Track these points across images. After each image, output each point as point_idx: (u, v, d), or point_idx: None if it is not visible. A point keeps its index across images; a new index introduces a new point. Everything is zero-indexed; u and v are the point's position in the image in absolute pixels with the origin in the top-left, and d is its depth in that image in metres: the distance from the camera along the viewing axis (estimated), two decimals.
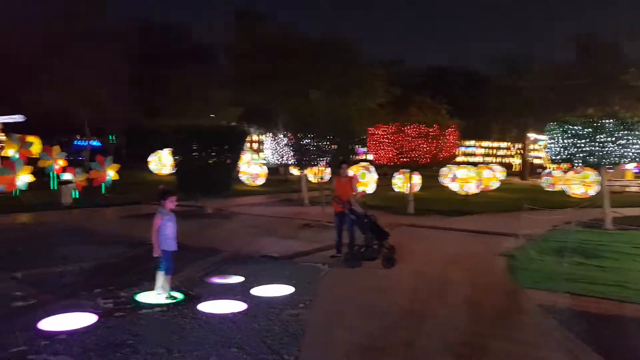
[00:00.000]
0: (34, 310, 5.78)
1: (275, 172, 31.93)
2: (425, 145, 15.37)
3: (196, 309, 5.94)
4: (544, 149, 37.43)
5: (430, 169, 20.00)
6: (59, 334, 5.06)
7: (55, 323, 5.37)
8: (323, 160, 16.38)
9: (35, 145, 21.09)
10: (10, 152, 20.47)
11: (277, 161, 18.61)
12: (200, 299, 6.29)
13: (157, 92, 33.11)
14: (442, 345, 5.01)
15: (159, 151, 30.47)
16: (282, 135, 17.48)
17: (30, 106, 26.08)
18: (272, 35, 26.50)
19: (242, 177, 26.30)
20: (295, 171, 26.89)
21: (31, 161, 20.41)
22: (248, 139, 35.77)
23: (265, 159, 28.25)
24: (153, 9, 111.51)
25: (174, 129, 15.35)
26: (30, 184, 18.95)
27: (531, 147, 49.79)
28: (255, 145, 40.87)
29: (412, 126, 15.47)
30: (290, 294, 6.64)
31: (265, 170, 26.76)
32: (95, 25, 27.93)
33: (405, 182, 18.25)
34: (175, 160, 15.38)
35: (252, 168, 26.72)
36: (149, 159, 31.37)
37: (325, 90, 23.60)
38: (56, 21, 27.17)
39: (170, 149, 17.55)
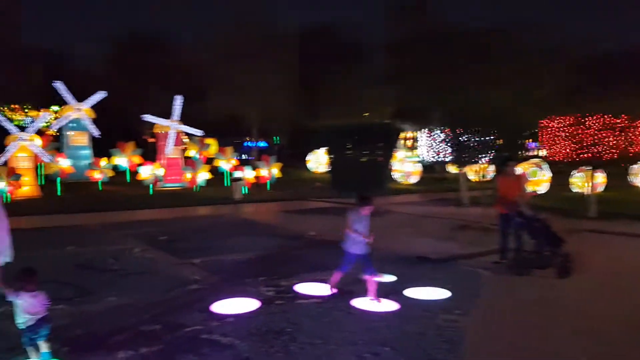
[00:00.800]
0: (207, 293, 6.40)
1: (431, 170, 31.03)
2: (611, 139, 13.28)
3: (350, 304, 5.94)
4: None
5: (617, 166, 17.26)
6: (228, 317, 5.51)
7: (224, 306, 5.86)
8: (485, 157, 15.25)
9: (212, 147, 23.82)
10: (192, 152, 23.43)
11: (432, 158, 17.98)
12: (354, 295, 6.27)
13: (315, 93, 34.77)
14: None
15: (316, 150, 31.98)
16: (438, 131, 16.80)
17: (207, 112, 29.69)
18: (428, 28, 25.64)
19: (396, 175, 26.09)
20: (452, 169, 25.75)
21: (209, 161, 23.20)
22: (402, 135, 35.35)
23: (420, 157, 27.48)
24: (307, 10, 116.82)
25: (328, 129, 15.89)
26: (207, 181, 21.51)
27: None
28: (409, 142, 40.33)
29: (594, 117, 13.50)
30: (446, 299, 6.25)
31: (419, 168, 26.15)
32: (263, 33, 30.40)
33: (585, 181, 16.04)
34: (330, 158, 15.89)
35: (405, 166, 26.32)
36: (307, 157, 33.15)
37: (488, 81, 21.81)
38: (228, 31, 30.33)
39: (326, 147, 18.28)
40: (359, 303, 5.97)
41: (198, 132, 23.15)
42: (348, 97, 33.04)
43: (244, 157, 35.95)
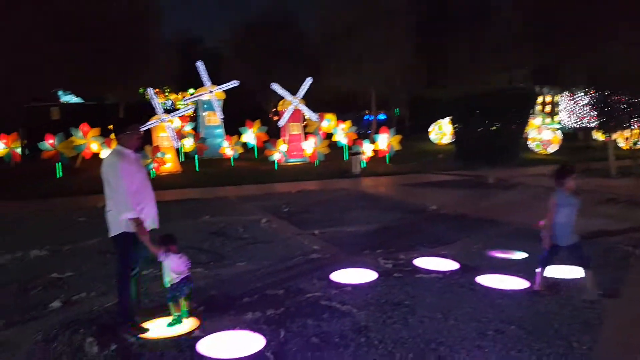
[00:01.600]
0: (326, 263, 6.56)
1: (573, 137, 28.06)
2: None
3: (474, 280, 5.64)
4: None
5: None
6: (346, 286, 5.59)
7: (343, 276, 5.95)
8: (638, 122, 13.24)
9: (332, 122, 24.13)
10: (312, 128, 23.99)
11: (575, 125, 16.14)
12: (478, 271, 5.94)
13: (438, 60, 33.15)
14: None
15: (440, 120, 30.70)
16: (582, 94, 14.96)
17: (328, 88, 30.09)
18: None
19: (531, 144, 24.02)
20: (598, 136, 22.95)
21: (328, 136, 23.61)
22: (539, 100, 32.16)
23: (560, 123, 24.86)
24: None
25: (453, 97, 15.08)
26: (327, 155, 21.93)
27: None
28: (548, 108, 36.71)
29: None
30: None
31: (559, 135, 23.72)
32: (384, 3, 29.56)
33: None
34: (455, 128, 15.12)
35: (543, 134, 24.02)
36: (429, 128, 32.03)
37: None
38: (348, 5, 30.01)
39: (450, 117, 17.39)
40: (484, 280, 5.63)
41: (314, 116, 23.57)
42: (475, 60, 30.88)
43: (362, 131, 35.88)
